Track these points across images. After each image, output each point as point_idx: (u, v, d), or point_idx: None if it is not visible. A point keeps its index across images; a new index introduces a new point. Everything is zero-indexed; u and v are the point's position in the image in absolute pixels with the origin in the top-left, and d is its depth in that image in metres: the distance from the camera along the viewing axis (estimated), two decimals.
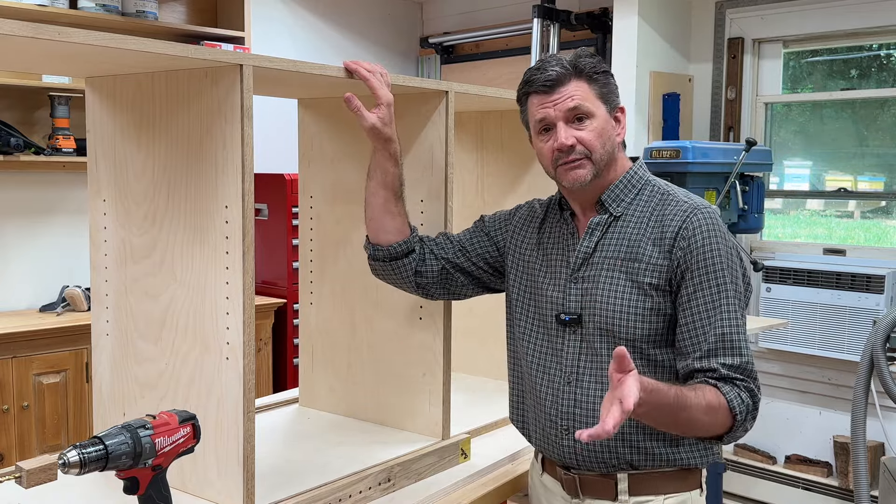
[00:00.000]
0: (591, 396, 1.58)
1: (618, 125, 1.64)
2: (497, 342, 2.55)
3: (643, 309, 1.54)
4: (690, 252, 1.52)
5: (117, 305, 1.71)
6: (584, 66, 1.58)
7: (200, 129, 1.52)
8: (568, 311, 1.62)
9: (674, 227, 1.55)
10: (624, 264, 1.57)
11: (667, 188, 1.64)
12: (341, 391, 2.12)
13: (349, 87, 1.86)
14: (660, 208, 1.59)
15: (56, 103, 3.69)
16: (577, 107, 1.57)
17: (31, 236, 3.87)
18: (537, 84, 1.60)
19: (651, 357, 1.56)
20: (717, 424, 1.47)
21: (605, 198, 1.62)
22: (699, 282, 1.51)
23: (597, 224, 1.62)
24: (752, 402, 1.49)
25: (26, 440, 3.38)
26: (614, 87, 1.64)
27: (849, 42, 4.12)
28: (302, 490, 1.61)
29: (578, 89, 1.58)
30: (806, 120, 4.46)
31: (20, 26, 1.16)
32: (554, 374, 1.63)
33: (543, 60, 1.62)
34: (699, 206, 1.57)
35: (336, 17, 5.08)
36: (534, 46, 4.60)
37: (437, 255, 1.80)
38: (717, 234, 1.54)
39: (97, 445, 1.23)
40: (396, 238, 1.78)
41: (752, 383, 1.50)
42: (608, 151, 1.60)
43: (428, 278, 1.80)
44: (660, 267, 1.54)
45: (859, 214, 4.32)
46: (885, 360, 2.74)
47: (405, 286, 1.83)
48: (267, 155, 4.23)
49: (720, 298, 1.50)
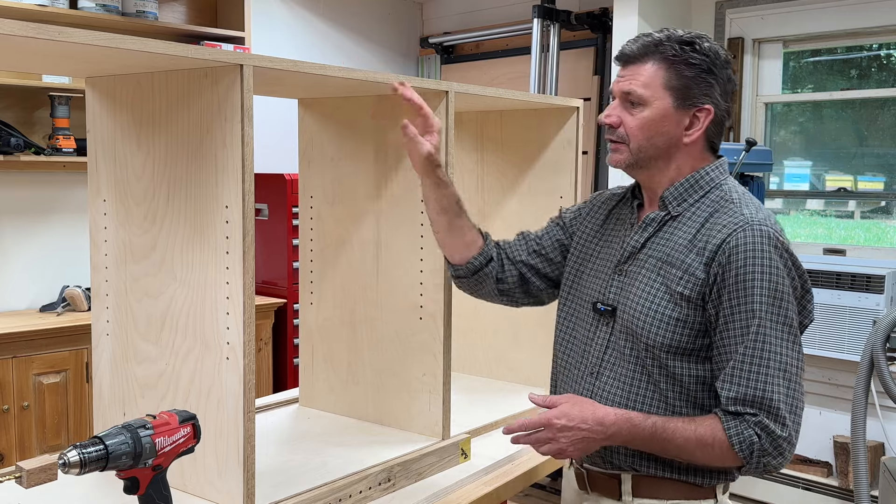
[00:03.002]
0: (608, 392, 1.54)
1: (691, 125, 1.51)
2: (497, 341, 2.56)
3: (669, 318, 1.47)
4: (728, 270, 1.42)
5: (117, 305, 1.71)
6: (666, 50, 1.48)
7: (200, 129, 1.52)
8: (605, 301, 1.57)
9: (718, 240, 1.44)
10: (663, 268, 1.50)
11: (734, 195, 1.51)
12: (341, 391, 2.12)
13: (349, 87, 1.86)
14: (716, 217, 1.49)
15: (56, 103, 3.68)
16: (630, 92, 1.49)
17: (31, 236, 3.87)
18: (616, 55, 1.55)
19: (668, 367, 1.49)
20: (720, 459, 1.43)
21: (667, 195, 1.54)
22: (735, 305, 1.42)
23: (651, 220, 1.55)
24: (765, 443, 1.40)
25: (26, 440, 3.38)
26: (705, 83, 1.49)
27: (849, 42, 4.12)
28: (302, 490, 1.61)
29: (645, 73, 1.49)
30: (806, 120, 4.45)
31: (20, 26, 1.16)
32: (580, 363, 1.61)
33: (645, 34, 1.53)
34: (753, 221, 1.44)
35: (336, 17, 5.08)
36: (534, 46, 4.60)
37: (514, 260, 1.76)
38: (764, 255, 1.41)
39: (97, 445, 1.23)
40: (473, 252, 1.74)
41: (768, 417, 1.40)
42: (654, 145, 1.51)
43: (509, 285, 1.77)
44: (695, 279, 1.45)
45: (859, 214, 4.32)
46: (885, 360, 2.74)
47: (490, 297, 1.79)
48: (267, 155, 4.23)
49: (752, 326, 1.40)
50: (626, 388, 1.52)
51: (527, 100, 2.30)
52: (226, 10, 4.33)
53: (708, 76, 1.49)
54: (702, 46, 1.49)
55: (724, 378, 1.43)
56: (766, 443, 1.40)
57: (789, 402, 1.41)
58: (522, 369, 2.52)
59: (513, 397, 2.37)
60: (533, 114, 2.41)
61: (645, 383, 1.51)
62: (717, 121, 1.53)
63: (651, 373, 1.50)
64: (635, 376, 1.52)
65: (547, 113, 2.39)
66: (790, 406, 1.41)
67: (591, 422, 1.45)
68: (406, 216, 1.96)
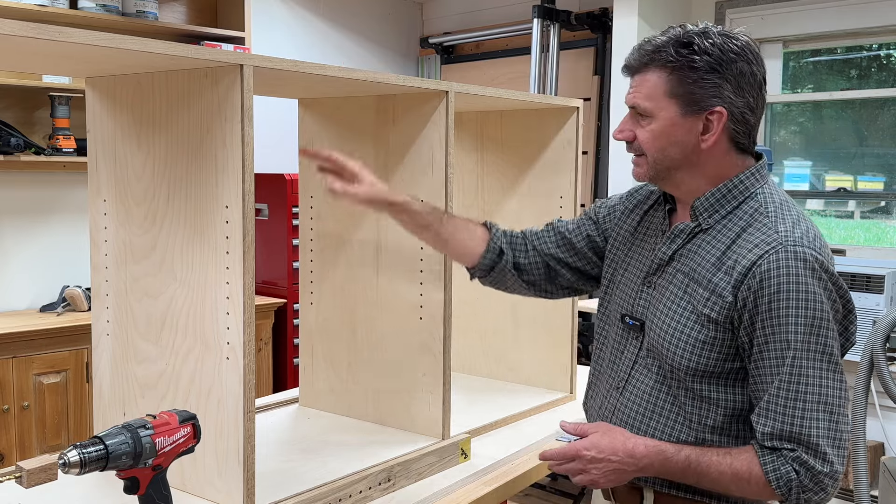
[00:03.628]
0: (629, 409, 1.50)
1: (705, 129, 1.41)
2: (497, 341, 2.55)
3: (694, 340, 1.39)
4: (760, 297, 1.33)
5: (117, 305, 1.71)
6: (664, 57, 1.40)
7: (201, 129, 1.52)
8: (634, 315, 1.51)
9: (748, 261, 1.35)
10: (690, 286, 1.42)
11: (770, 207, 1.42)
12: (341, 391, 2.12)
13: (349, 87, 1.86)
14: (748, 232, 1.39)
15: (56, 103, 3.69)
16: (634, 105, 1.44)
17: (31, 236, 3.87)
18: (622, 66, 1.49)
19: (694, 390, 1.42)
20: (757, 493, 1.37)
21: (698, 206, 1.45)
22: (769, 334, 1.33)
23: (680, 231, 1.47)
24: (804, 479, 1.32)
25: (26, 440, 3.38)
26: (710, 83, 1.38)
27: (849, 42, 4.12)
28: (302, 490, 1.61)
29: (646, 83, 1.42)
30: (806, 120, 4.46)
31: (20, 26, 1.16)
32: (609, 376, 1.56)
33: (647, 40, 1.46)
34: (788, 241, 1.34)
35: (336, 17, 5.08)
36: (534, 46, 4.61)
37: (540, 252, 1.71)
38: (799, 280, 1.32)
39: (97, 445, 1.23)
40: (480, 250, 1.70)
41: (806, 453, 1.32)
42: (669, 157, 1.43)
43: (534, 276, 1.72)
44: (722, 301, 1.37)
45: (859, 214, 4.32)
46: (884, 360, 2.74)
47: (520, 289, 1.75)
48: (267, 155, 4.23)
49: (787, 358, 1.32)
50: (647, 405, 1.47)
51: (527, 100, 2.30)
52: (226, 10, 4.33)
53: (713, 76, 1.38)
54: (702, 45, 1.38)
55: (759, 412, 1.37)
56: (806, 479, 1.33)
57: (830, 435, 1.33)
58: (522, 369, 2.52)
59: (513, 397, 2.37)
60: (533, 114, 2.41)
61: (669, 403, 1.45)
62: (737, 119, 1.41)
63: (676, 394, 1.44)
64: (658, 395, 1.46)
65: (547, 113, 2.39)
66: (832, 440, 1.33)
67: (621, 454, 1.40)
68: None
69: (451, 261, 1.90)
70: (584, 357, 3.89)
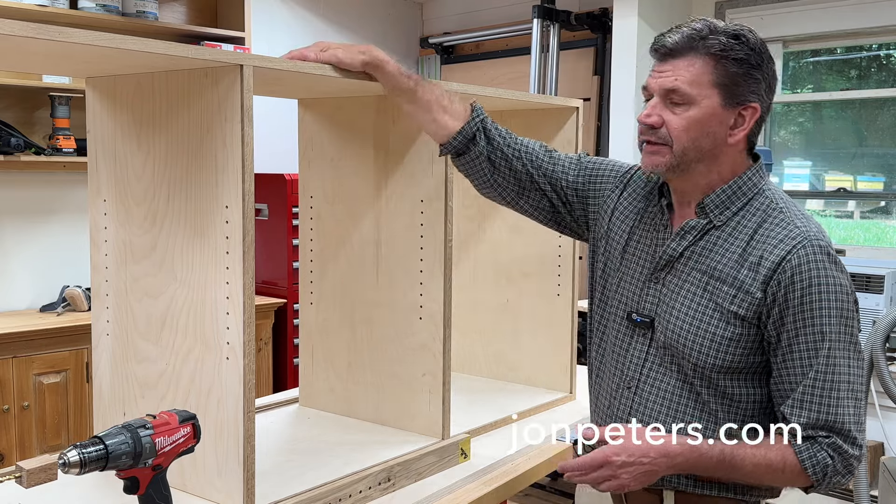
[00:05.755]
0: (646, 408, 1.49)
1: (735, 124, 1.42)
2: (497, 341, 2.56)
3: (720, 337, 1.40)
4: (793, 291, 1.35)
5: (117, 305, 1.71)
6: (712, 44, 1.38)
7: (200, 129, 1.52)
8: (641, 312, 1.50)
9: (776, 257, 1.37)
10: (710, 283, 1.42)
11: (780, 203, 1.45)
12: (341, 391, 2.13)
13: (350, 87, 1.86)
14: (766, 228, 1.41)
15: (56, 103, 3.69)
16: (675, 89, 1.39)
17: (31, 236, 3.87)
18: (654, 47, 1.43)
19: (721, 388, 1.43)
20: (789, 482, 1.39)
21: (709, 202, 1.45)
22: (800, 327, 1.36)
23: (691, 228, 1.46)
24: (838, 464, 1.36)
25: (26, 440, 3.38)
26: (752, 79, 1.40)
27: (849, 42, 4.12)
28: (302, 490, 1.61)
29: (691, 67, 1.38)
30: (806, 120, 4.46)
31: (20, 26, 1.16)
32: (615, 374, 1.55)
33: (686, 23, 1.42)
34: (812, 237, 1.37)
35: (336, 17, 5.08)
36: (534, 46, 4.61)
37: (523, 159, 1.67)
38: (829, 274, 1.35)
39: (97, 445, 1.23)
40: (453, 126, 1.63)
41: (841, 439, 1.36)
42: (699, 147, 1.41)
43: (506, 179, 1.67)
44: (751, 297, 1.38)
45: (859, 214, 4.32)
46: (884, 361, 2.74)
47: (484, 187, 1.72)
48: (267, 155, 4.23)
49: (822, 349, 1.35)
50: (669, 403, 1.47)
51: (526, 100, 2.30)
52: (226, 10, 4.34)
53: (756, 72, 1.40)
54: (749, 40, 1.40)
55: (793, 403, 1.38)
56: (840, 464, 1.37)
57: (858, 420, 1.38)
58: (522, 369, 2.52)
59: (512, 397, 2.37)
60: (533, 114, 2.41)
61: (691, 400, 1.45)
62: (760, 120, 1.44)
63: (698, 391, 1.45)
64: (679, 392, 1.46)
65: (547, 113, 2.39)
66: (859, 424, 1.38)
67: (654, 454, 1.38)
68: (406, 216, 1.95)
69: (450, 261, 1.91)
70: (584, 357, 3.89)
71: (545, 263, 2.43)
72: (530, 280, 2.47)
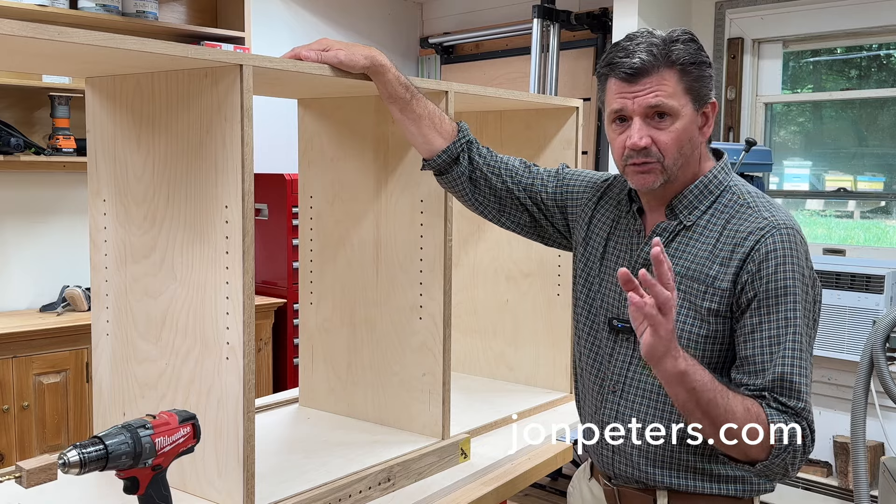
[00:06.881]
0: (632, 410, 1.50)
1: (704, 123, 1.45)
2: (497, 341, 2.56)
3: (697, 336, 1.41)
4: (760, 278, 1.37)
5: (117, 305, 1.71)
6: (678, 56, 1.40)
7: (200, 129, 1.52)
8: (621, 317, 1.50)
9: (745, 248, 1.38)
10: (684, 283, 1.42)
11: (747, 197, 1.46)
12: (341, 391, 2.13)
13: (349, 87, 1.86)
14: (734, 222, 1.42)
15: (56, 103, 3.69)
16: (658, 104, 1.39)
17: (31, 236, 3.87)
18: (619, 69, 1.42)
19: None
20: (752, 437, 1.32)
21: (677, 204, 1.47)
22: (766, 312, 1.36)
23: (663, 230, 1.48)
24: (797, 442, 1.32)
25: (26, 440, 3.38)
26: (709, 78, 1.44)
27: (849, 42, 4.12)
28: (302, 490, 1.61)
29: (665, 82, 1.39)
30: (806, 120, 4.46)
31: (20, 26, 1.16)
32: (600, 377, 1.55)
33: (632, 40, 1.42)
34: (778, 224, 1.39)
35: (336, 17, 5.08)
36: (534, 46, 4.60)
37: (502, 177, 1.71)
38: (794, 258, 1.37)
39: (97, 445, 1.23)
40: (439, 144, 1.68)
41: (806, 426, 1.33)
42: (685, 155, 1.43)
43: (485, 195, 1.71)
44: (723, 291, 1.39)
45: (859, 214, 4.32)
46: (884, 360, 2.74)
47: (468, 204, 1.74)
48: (267, 155, 4.23)
49: (787, 334, 1.35)
50: (655, 404, 1.47)
51: (526, 100, 2.30)
52: (226, 10, 4.33)
53: (709, 69, 1.44)
54: (696, 40, 1.44)
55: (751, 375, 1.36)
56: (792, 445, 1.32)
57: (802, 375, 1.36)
58: (522, 369, 2.52)
59: (512, 397, 2.37)
60: (533, 114, 2.41)
61: None
62: (717, 114, 1.48)
63: None
64: (664, 392, 1.44)
65: (546, 113, 2.39)
66: (804, 378, 1.36)
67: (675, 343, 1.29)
68: (406, 216, 1.96)
69: (450, 261, 1.91)
70: None
71: (545, 263, 2.43)
72: (530, 280, 2.47)
